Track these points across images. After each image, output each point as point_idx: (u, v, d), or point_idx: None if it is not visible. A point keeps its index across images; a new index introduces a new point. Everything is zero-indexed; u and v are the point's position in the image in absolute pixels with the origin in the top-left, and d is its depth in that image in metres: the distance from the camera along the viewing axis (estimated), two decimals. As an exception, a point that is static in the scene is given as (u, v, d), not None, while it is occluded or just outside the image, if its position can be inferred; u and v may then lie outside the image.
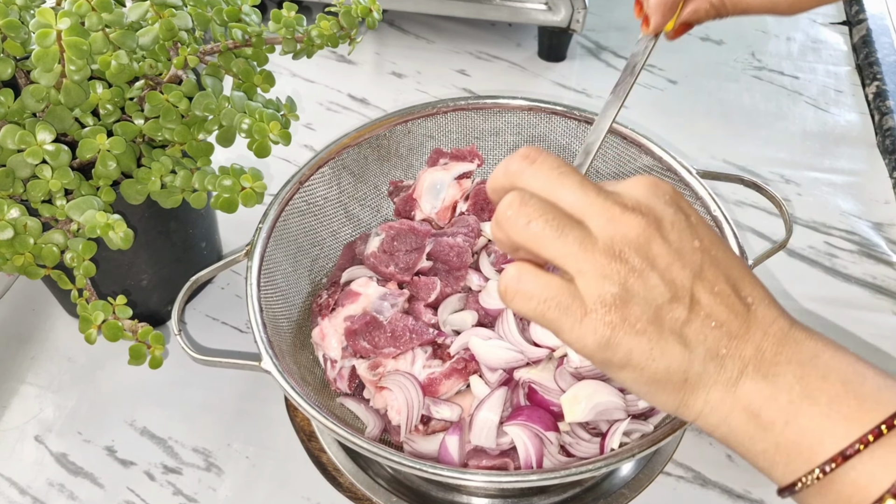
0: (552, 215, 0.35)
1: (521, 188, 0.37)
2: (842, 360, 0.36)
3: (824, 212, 0.87)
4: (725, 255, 0.37)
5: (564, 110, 0.73)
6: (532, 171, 0.37)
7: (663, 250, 0.35)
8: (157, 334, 0.59)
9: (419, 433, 0.62)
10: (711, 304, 0.36)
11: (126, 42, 0.56)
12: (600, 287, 0.35)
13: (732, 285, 0.36)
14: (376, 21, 0.66)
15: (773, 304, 0.37)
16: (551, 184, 0.36)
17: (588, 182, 0.36)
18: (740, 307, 0.36)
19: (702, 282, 0.36)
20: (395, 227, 0.68)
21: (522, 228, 0.36)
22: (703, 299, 0.35)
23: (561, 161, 0.37)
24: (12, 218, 0.55)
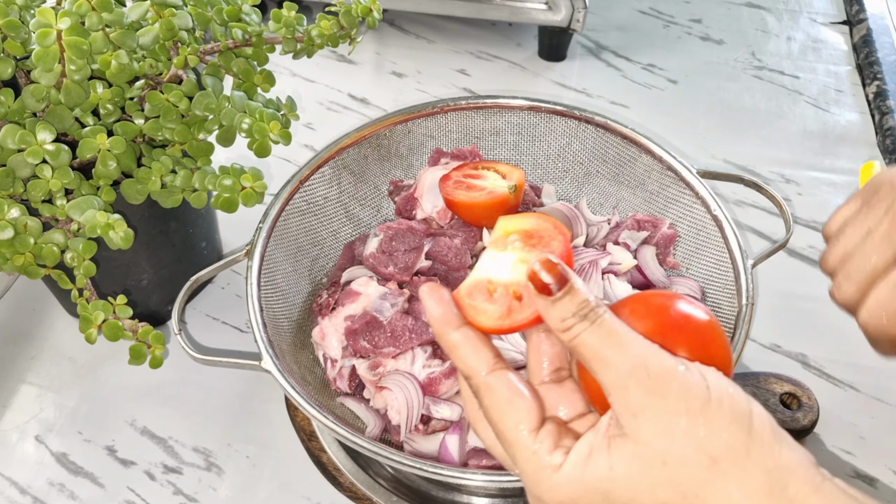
0: None
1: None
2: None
3: (825, 211, 0.87)
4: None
5: (564, 110, 0.72)
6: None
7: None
8: (158, 334, 0.59)
9: (419, 433, 0.62)
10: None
11: (126, 42, 0.56)
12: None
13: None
14: (376, 21, 0.66)
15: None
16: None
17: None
18: None
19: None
20: (394, 227, 0.68)
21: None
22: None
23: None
24: (12, 218, 0.55)
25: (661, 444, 0.33)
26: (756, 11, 1.15)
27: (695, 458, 0.33)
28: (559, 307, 0.35)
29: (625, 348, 0.34)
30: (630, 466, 0.34)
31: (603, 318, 0.35)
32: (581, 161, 0.75)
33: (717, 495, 0.33)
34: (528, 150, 0.77)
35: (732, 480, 0.33)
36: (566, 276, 0.36)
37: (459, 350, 0.38)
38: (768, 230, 0.85)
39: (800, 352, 0.74)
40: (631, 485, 0.34)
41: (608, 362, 0.34)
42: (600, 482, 0.34)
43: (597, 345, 0.35)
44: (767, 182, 0.88)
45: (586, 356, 0.35)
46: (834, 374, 0.72)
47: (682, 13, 1.14)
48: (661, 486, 0.33)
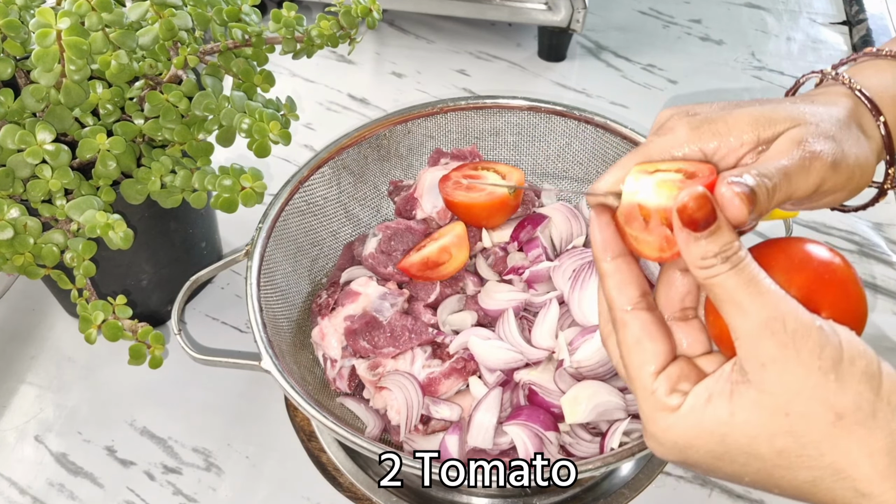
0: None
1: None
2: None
3: (824, 212, 0.86)
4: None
5: (564, 110, 0.72)
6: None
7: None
8: (157, 334, 0.59)
9: (419, 433, 0.62)
10: None
11: (126, 42, 0.56)
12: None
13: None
14: (376, 21, 0.66)
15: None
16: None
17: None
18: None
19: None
20: (392, 227, 0.68)
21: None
22: None
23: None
24: (12, 218, 0.55)
25: (786, 395, 0.33)
26: (756, 11, 1.15)
27: (820, 412, 0.33)
28: (702, 245, 0.35)
29: (764, 299, 0.34)
30: (751, 413, 0.34)
31: (745, 262, 0.35)
32: (581, 161, 0.75)
33: (836, 450, 0.33)
34: (528, 150, 0.76)
35: (855, 438, 0.33)
36: (715, 214, 0.35)
37: (608, 279, 0.39)
38: (768, 231, 0.85)
39: (799, 352, 0.74)
40: (750, 431, 0.34)
41: (744, 309, 0.34)
42: (719, 426, 0.35)
43: (735, 290, 0.34)
44: (767, 182, 0.88)
45: (721, 298, 0.35)
46: (834, 374, 0.72)
47: (682, 13, 1.14)
48: (780, 436, 0.34)
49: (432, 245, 0.66)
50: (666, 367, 0.37)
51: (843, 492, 0.33)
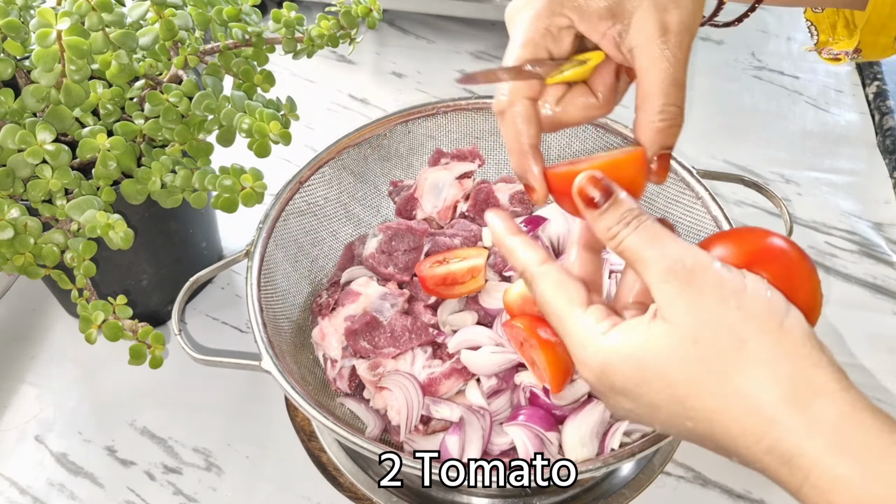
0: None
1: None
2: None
3: (824, 212, 0.87)
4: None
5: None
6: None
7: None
8: (158, 334, 0.59)
9: (419, 433, 0.62)
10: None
11: (126, 42, 0.56)
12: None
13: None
14: (376, 21, 0.66)
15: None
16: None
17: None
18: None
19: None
20: (393, 228, 0.68)
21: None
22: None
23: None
24: (12, 218, 0.55)
25: (693, 324, 0.35)
26: (756, 11, 1.15)
27: (725, 338, 0.35)
28: (605, 218, 0.38)
29: (665, 248, 0.37)
30: (663, 341, 0.36)
31: (646, 223, 0.38)
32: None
33: (743, 375, 0.34)
34: (528, 151, 0.76)
35: (760, 363, 0.34)
36: (610, 189, 0.39)
37: (516, 251, 0.42)
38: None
39: (800, 352, 0.74)
40: (662, 358, 0.36)
41: (649, 262, 0.37)
42: (635, 351, 0.37)
43: (639, 246, 0.37)
44: (767, 182, 0.88)
45: (631, 259, 0.38)
46: (834, 374, 0.72)
47: (682, 13, 1.14)
48: (690, 363, 0.35)
49: (459, 263, 0.65)
50: (590, 304, 0.40)
51: (750, 419, 0.34)
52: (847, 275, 0.80)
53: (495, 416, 0.61)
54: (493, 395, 0.62)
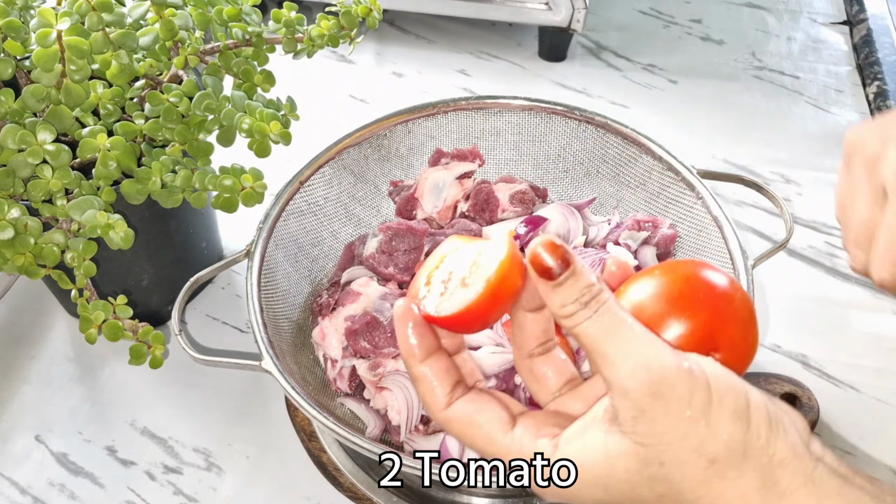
0: None
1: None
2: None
3: (825, 212, 0.87)
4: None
5: (564, 110, 0.72)
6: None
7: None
8: (158, 334, 0.59)
9: (419, 433, 0.62)
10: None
11: (126, 42, 0.56)
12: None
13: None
14: (376, 21, 0.66)
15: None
16: None
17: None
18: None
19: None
20: (393, 228, 0.68)
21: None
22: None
23: None
24: (13, 218, 0.55)
25: (660, 446, 0.33)
26: (756, 11, 1.15)
27: (693, 459, 0.33)
28: (560, 292, 0.34)
29: (629, 346, 0.34)
30: (629, 463, 0.34)
31: (606, 305, 0.34)
32: (581, 161, 0.75)
33: (711, 493, 0.34)
34: (528, 151, 0.76)
35: (728, 480, 0.33)
36: (569, 259, 0.34)
37: (418, 385, 0.38)
38: (768, 230, 0.85)
39: (800, 352, 0.74)
40: (630, 479, 0.34)
41: (610, 359, 0.34)
42: (599, 476, 0.35)
43: (598, 337, 0.34)
44: (767, 182, 0.88)
45: (587, 347, 0.35)
46: (834, 374, 0.72)
47: (682, 13, 1.14)
48: (658, 482, 0.34)
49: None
50: (515, 421, 0.37)
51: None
52: (847, 275, 0.80)
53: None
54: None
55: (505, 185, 0.73)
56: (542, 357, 0.40)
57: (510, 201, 0.72)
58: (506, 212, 0.72)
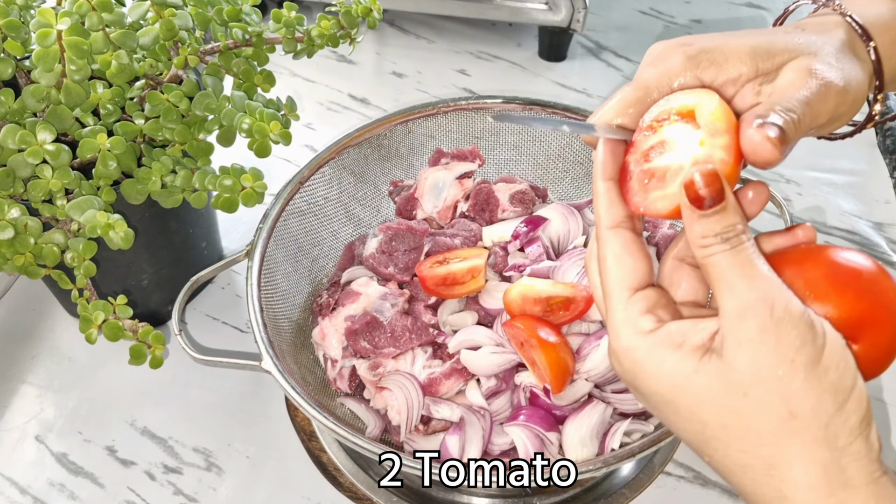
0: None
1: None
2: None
3: (824, 212, 0.87)
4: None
5: (565, 110, 0.72)
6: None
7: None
8: (158, 334, 0.59)
9: (419, 433, 0.62)
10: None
11: (126, 42, 0.56)
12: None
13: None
14: (376, 21, 0.66)
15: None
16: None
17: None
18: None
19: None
20: (393, 228, 0.68)
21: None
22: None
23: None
24: (13, 218, 0.55)
25: (751, 377, 0.33)
26: (756, 11, 1.15)
27: (776, 404, 0.33)
28: (704, 223, 0.34)
29: (755, 282, 0.33)
30: (712, 380, 0.34)
31: (744, 245, 0.34)
32: (581, 161, 0.75)
33: (777, 446, 0.33)
34: (528, 150, 0.76)
35: (799, 442, 0.33)
36: (723, 195, 0.34)
37: (600, 198, 0.38)
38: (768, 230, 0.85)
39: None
40: (704, 395, 0.34)
41: (734, 289, 0.33)
42: (677, 375, 0.34)
43: (728, 269, 0.34)
44: (767, 182, 0.88)
45: (713, 276, 0.34)
46: (834, 374, 0.72)
47: (682, 13, 1.14)
48: (731, 412, 0.33)
49: (460, 263, 0.65)
50: (644, 287, 0.37)
51: (769, 489, 0.33)
52: (847, 275, 0.80)
53: (495, 417, 0.61)
54: (493, 397, 0.62)
55: (505, 185, 0.73)
56: (690, 269, 0.39)
57: (510, 201, 0.72)
58: (506, 212, 0.71)
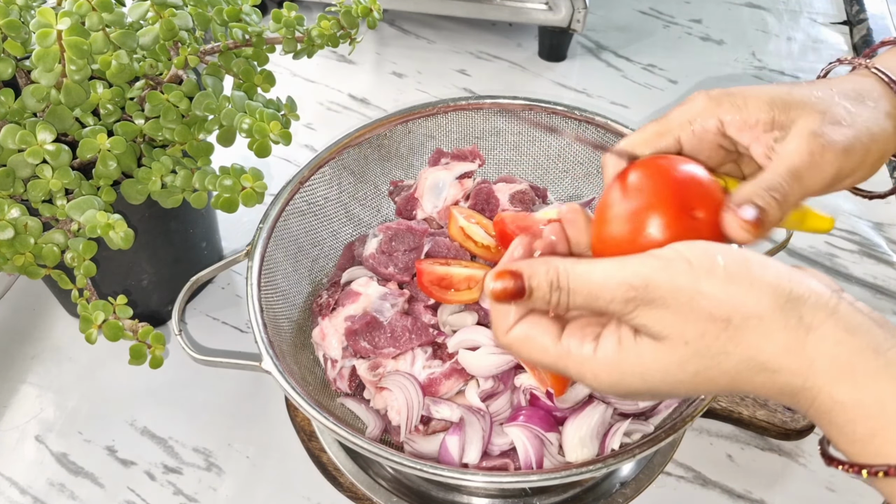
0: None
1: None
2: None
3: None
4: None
5: (564, 110, 0.72)
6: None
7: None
8: (158, 334, 0.59)
9: (419, 433, 0.62)
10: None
11: (126, 42, 0.56)
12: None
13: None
14: (376, 21, 0.66)
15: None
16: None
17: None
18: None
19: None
20: (393, 228, 0.68)
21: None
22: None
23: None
24: (13, 218, 0.55)
25: (675, 331, 0.36)
26: (756, 11, 1.15)
27: (709, 328, 0.36)
28: (536, 300, 0.38)
29: (607, 281, 0.37)
30: (656, 353, 0.37)
31: (568, 271, 0.38)
32: (581, 161, 0.75)
33: (740, 346, 0.36)
34: (528, 151, 0.76)
35: (751, 329, 0.35)
36: (518, 272, 0.38)
37: (492, 315, 0.42)
38: (768, 230, 0.85)
39: (800, 352, 0.74)
40: (662, 367, 0.37)
41: (606, 301, 0.37)
42: (634, 367, 0.38)
43: (586, 298, 0.37)
44: (767, 182, 0.88)
45: (589, 308, 0.38)
46: (834, 374, 0.72)
47: (682, 13, 1.14)
48: (689, 361, 0.37)
49: (460, 269, 0.65)
50: (562, 332, 0.40)
51: (758, 375, 0.36)
52: (847, 275, 0.80)
53: (495, 417, 0.61)
54: (491, 398, 0.62)
55: (505, 185, 0.73)
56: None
57: (510, 201, 0.72)
58: (506, 211, 0.71)
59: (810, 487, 0.65)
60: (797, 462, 0.66)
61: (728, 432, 0.68)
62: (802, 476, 0.65)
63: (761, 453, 0.67)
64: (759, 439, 0.67)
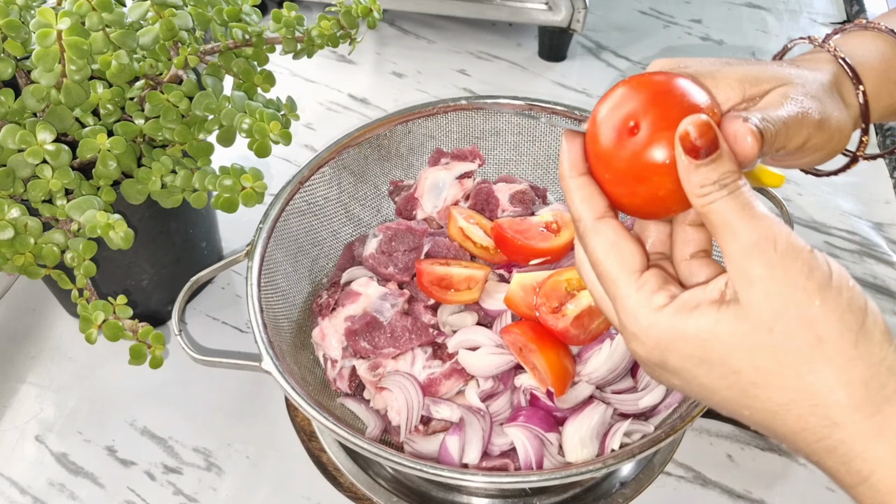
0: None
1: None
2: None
3: (824, 212, 0.87)
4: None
5: (564, 110, 0.72)
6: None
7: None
8: (158, 334, 0.59)
9: (419, 433, 0.62)
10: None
11: (126, 42, 0.56)
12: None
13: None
14: (376, 21, 0.66)
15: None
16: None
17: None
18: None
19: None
20: (393, 228, 0.68)
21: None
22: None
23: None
24: (13, 218, 0.55)
25: (771, 312, 0.33)
26: (756, 11, 1.15)
27: (802, 332, 0.33)
28: (701, 172, 0.35)
29: (756, 222, 0.34)
30: (735, 325, 0.34)
31: (741, 190, 0.35)
32: (581, 161, 0.75)
33: (814, 374, 0.33)
34: (528, 151, 0.76)
35: (833, 364, 0.33)
36: (717, 143, 0.35)
37: (574, 194, 0.39)
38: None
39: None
40: (732, 342, 0.34)
41: (736, 232, 0.34)
42: (701, 332, 0.35)
43: (729, 214, 0.34)
44: (767, 182, 0.88)
45: (715, 223, 0.35)
46: (834, 374, 0.72)
47: (682, 13, 1.14)
48: (760, 351, 0.34)
49: (460, 269, 0.65)
50: (646, 269, 0.37)
51: (815, 418, 0.33)
52: (847, 275, 0.80)
53: (495, 417, 0.61)
54: (490, 398, 0.62)
55: (505, 185, 0.73)
56: (654, 224, 0.41)
57: (510, 201, 0.72)
58: (506, 212, 0.71)
59: (810, 487, 0.65)
60: (797, 462, 0.66)
61: (728, 432, 0.68)
62: (802, 476, 0.65)
63: (761, 453, 0.67)
64: (759, 439, 0.68)
